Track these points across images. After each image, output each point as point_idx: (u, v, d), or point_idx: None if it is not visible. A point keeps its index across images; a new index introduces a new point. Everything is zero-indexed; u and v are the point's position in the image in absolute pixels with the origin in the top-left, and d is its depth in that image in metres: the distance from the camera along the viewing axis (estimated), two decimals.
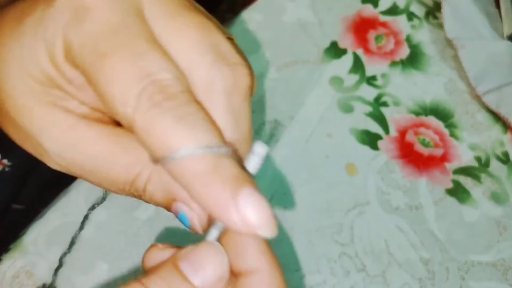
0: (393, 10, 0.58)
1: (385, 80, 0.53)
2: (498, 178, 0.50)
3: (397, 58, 0.55)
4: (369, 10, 0.57)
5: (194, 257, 0.21)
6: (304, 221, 0.45)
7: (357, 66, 0.54)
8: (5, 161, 0.44)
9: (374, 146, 0.49)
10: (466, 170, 0.50)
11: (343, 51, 0.54)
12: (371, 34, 0.56)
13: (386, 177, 0.48)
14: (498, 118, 0.52)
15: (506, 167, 0.50)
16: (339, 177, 0.47)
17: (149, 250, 0.23)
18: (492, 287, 0.45)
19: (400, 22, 0.57)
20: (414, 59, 0.55)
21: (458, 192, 0.49)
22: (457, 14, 0.56)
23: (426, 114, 0.52)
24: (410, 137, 0.51)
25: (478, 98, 0.53)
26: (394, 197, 0.47)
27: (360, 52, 0.55)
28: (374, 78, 0.53)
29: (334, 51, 0.54)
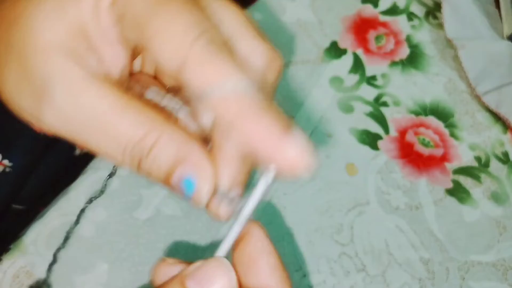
0: (393, 10, 0.58)
1: (385, 80, 0.53)
2: (498, 178, 0.50)
3: (397, 58, 0.55)
4: (369, 10, 0.57)
5: (201, 274, 0.21)
6: (304, 221, 0.45)
7: (357, 66, 0.54)
8: (5, 161, 0.44)
9: (374, 146, 0.49)
10: (466, 170, 0.50)
11: (343, 51, 0.54)
12: (371, 34, 0.56)
13: (386, 177, 0.48)
14: (498, 118, 0.52)
15: (506, 167, 0.50)
16: (339, 177, 0.48)
17: (158, 264, 0.23)
18: (492, 287, 0.45)
19: (400, 22, 0.57)
20: (414, 59, 0.55)
21: (458, 192, 0.49)
22: (457, 14, 0.56)
23: (426, 114, 0.52)
24: (410, 137, 0.51)
25: (478, 98, 0.53)
26: (394, 197, 0.47)
27: (360, 52, 0.55)
28: (374, 78, 0.53)
29: (334, 51, 0.54)
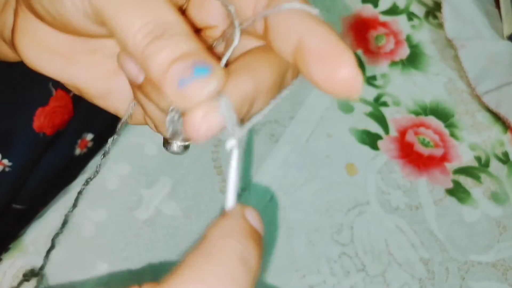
0: (393, 10, 0.58)
1: (385, 80, 0.53)
2: (498, 178, 0.50)
3: (397, 58, 0.55)
4: (369, 10, 0.57)
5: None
6: (304, 221, 0.45)
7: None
8: (5, 161, 0.44)
9: (374, 146, 0.49)
10: (466, 170, 0.50)
11: None
12: (371, 34, 0.56)
13: (386, 177, 0.48)
14: (498, 118, 0.52)
15: (506, 167, 0.50)
16: (339, 177, 0.47)
17: None
18: (492, 287, 0.45)
19: (400, 22, 0.57)
20: (414, 59, 0.55)
21: (458, 192, 0.49)
22: (457, 14, 0.56)
23: (426, 114, 0.52)
24: (410, 137, 0.51)
25: (478, 98, 0.53)
26: (394, 197, 0.47)
27: (360, 52, 0.55)
28: (374, 78, 0.53)
29: None
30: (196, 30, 0.25)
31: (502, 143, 0.52)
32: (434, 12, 0.58)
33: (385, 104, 0.52)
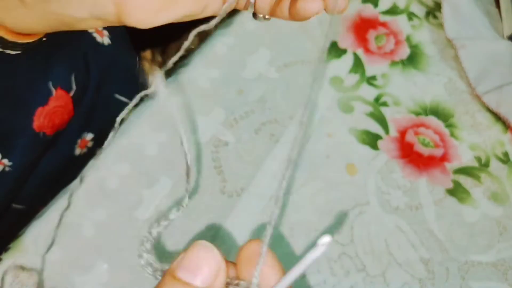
0: (393, 10, 0.58)
1: (385, 80, 0.53)
2: (498, 178, 0.50)
3: (397, 58, 0.55)
4: (369, 10, 0.57)
5: (188, 262, 0.22)
6: (304, 221, 0.45)
7: (357, 66, 0.54)
8: (5, 161, 0.44)
9: (374, 146, 0.49)
10: (466, 170, 0.50)
11: (343, 51, 0.54)
12: (371, 34, 0.56)
13: (386, 177, 0.48)
14: (498, 118, 0.52)
15: (506, 167, 0.50)
16: (339, 177, 0.47)
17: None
18: (492, 287, 0.45)
19: (400, 22, 0.57)
20: (414, 59, 0.55)
21: (458, 192, 0.49)
22: (457, 14, 0.56)
23: (426, 114, 0.52)
24: (410, 137, 0.51)
25: (478, 98, 0.53)
26: (394, 197, 0.47)
27: (360, 52, 0.55)
28: (374, 78, 0.53)
29: (334, 51, 0.54)
30: None
31: (502, 143, 0.52)
32: (434, 12, 0.58)
33: (385, 104, 0.52)
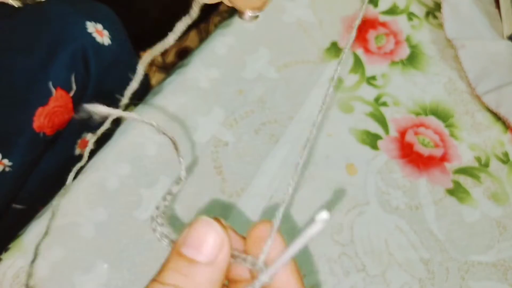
0: (393, 10, 0.58)
1: (385, 80, 0.53)
2: (498, 178, 0.50)
3: (397, 58, 0.55)
4: (369, 10, 0.57)
5: (191, 239, 0.23)
6: (304, 221, 0.45)
7: (357, 66, 0.54)
8: (5, 161, 0.44)
9: (374, 146, 0.49)
10: (466, 170, 0.50)
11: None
12: (371, 34, 0.56)
13: (386, 177, 0.48)
14: (498, 118, 0.52)
15: (506, 167, 0.50)
16: (339, 177, 0.48)
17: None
18: (492, 287, 0.45)
19: (400, 22, 0.57)
20: (414, 59, 0.55)
21: (458, 192, 0.49)
22: (457, 14, 0.56)
23: (426, 114, 0.52)
24: (410, 137, 0.51)
25: (478, 98, 0.53)
26: (394, 197, 0.47)
27: (360, 52, 0.55)
28: (374, 78, 0.53)
29: (334, 51, 0.54)
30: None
31: (502, 143, 0.52)
32: (434, 12, 0.58)
33: (385, 104, 0.52)
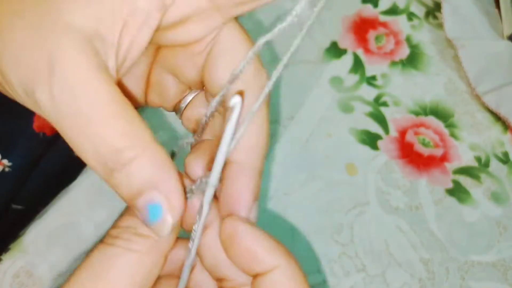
0: (393, 10, 0.58)
1: (385, 80, 0.53)
2: (498, 178, 0.50)
3: (397, 58, 0.55)
4: (369, 10, 0.57)
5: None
6: (304, 221, 0.45)
7: (357, 66, 0.54)
8: (5, 161, 0.44)
9: (374, 146, 0.49)
10: (466, 170, 0.50)
11: (343, 51, 0.54)
12: (371, 34, 0.56)
13: (386, 177, 0.48)
14: (498, 118, 0.52)
15: (506, 167, 0.50)
16: (339, 177, 0.47)
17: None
18: (492, 287, 0.45)
19: (400, 22, 0.57)
20: (414, 59, 0.55)
21: (458, 192, 0.49)
22: (457, 14, 0.56)
23: (426, 114, 0.52)
24: (410, 137, 0.51)
25: (478, 98, 0.53)
26: (394, 197, 0.47)
27: (360, 52, 0.55)
28: (374, 78, 0.53)
29: (334, 51, 0.54)
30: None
31: (502, 143, 0.52)
32: (434, 12, 0.58)
33: (385, 104, 0.52)
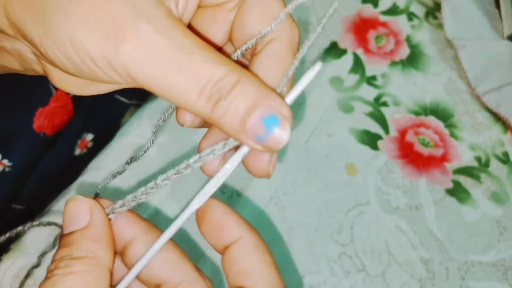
0: (393, 10, 0.58)
1: (385, 80, 0.53)
2: (498, 178, 0.50)
3: (397, 58, 0.55)
4: (369, 10, 0.57)
5: (65, 219, 0.24)
6: (304, 221, 0.45)
7: (357, 66, 0.54)
8: (5, 161, 0.44)
9: (374, 146, 0.50)
10: (466, 170, 0.50)
11: (343, 51, 0.54)
12: (371, 34, 0.56)
13: (386, 177, 0.48)
14: (498, 118, 0.52)
15: (506, 167, 0.50)
16: (339, 177, 0.48)
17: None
18: (492, 287, 0.45)
19: (400, 22, 0.57)
20: (414, 59, 0.55)
21: (458, 192, 0.49)
22: (457, 14, 0.56)
23: (426, 114, 0.52)
24: (410, 137, 0.51)
25: (478, 98, 0.53)
26: (394, 197, 0.47)
27: (360, 52, 0.55)
28: (374, 78, 0.53)
29: (334, 51, 0.54)
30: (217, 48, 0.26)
31: (502, 143, 0.52)
32: (434, 12, 0.58)
33: (385, 104, 0.52)
